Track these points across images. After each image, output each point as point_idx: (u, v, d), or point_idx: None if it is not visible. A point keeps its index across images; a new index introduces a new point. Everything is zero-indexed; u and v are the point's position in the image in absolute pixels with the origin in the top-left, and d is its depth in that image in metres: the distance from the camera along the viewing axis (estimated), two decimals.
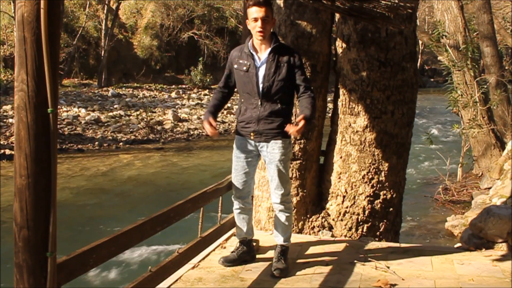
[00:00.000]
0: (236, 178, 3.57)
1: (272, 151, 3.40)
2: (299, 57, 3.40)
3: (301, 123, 3.13)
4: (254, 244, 3.82)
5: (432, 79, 32.74)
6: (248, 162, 3.52)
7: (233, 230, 4.05)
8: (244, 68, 3.36)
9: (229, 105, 18.45)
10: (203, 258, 3.74)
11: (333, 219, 4.49)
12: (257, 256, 3.77)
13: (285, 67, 3.30)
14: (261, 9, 3.21)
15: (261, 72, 3.33)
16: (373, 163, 4.33)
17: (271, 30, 3.35)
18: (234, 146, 3.54)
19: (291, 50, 3.42)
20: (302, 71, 3.37)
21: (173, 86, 24.63)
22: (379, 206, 4.39)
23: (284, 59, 3.31)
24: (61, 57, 19.69)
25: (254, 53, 3.35)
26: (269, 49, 3.32)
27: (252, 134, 3.41)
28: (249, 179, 3.58)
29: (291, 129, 3.18)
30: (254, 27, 3.25)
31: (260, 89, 3.33)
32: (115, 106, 18.19)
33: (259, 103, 3.35)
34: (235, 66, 3.42)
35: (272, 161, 3.41)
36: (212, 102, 3.60)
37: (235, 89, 3.58)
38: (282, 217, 3.53)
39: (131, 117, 16.69)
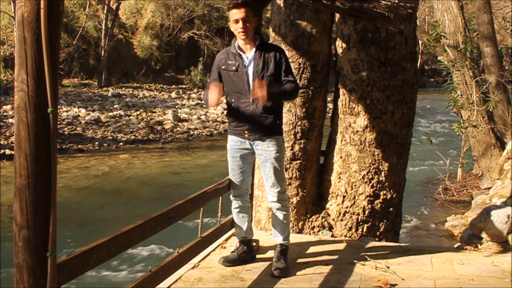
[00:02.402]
0: (234, 177, 3.59)
1: (267, 148, 3.41)
2: (285, 54, 3.44)
3: (258, 83, 3.15)
4: (254, 244, 3.82)
5: (432, 79, 32.71)
6: (244, 160, 3.54)
7: (233, 230, 4.05)
8: (233, 68, 3.40)
9: None
10: (203, 258, 3.74)
11: (333, 219, 4.49)
12: (257, 256, 3.77)
13: (272, 63, 3.34)
14: (240, 10, 3.25)
15: (250, 70, 3.37)
16: (373, 163, 4.33)
17: (255, 30, 3.37)
18: (228, 146, 3.56)
19: (275, 47, 3.48)
20: (288, 67, 3.39)
21: (173, 86, 24.62)
22: (379, 206, 4.39)
23: (270, 55, 3.35)
24: (61, 57, 19.68)
25: (241, 53, 3.39)
26: (254, 47, 3.36)
27: (246, 132, 3.43)
28: (246, 177, 3.60)
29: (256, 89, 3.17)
30: (236, 28, 3.31)
31: (251, 86, 3.35)
32: (115, 106, 18.19)
33: (251, 101, 3.37)
34: (223, 67, 3.45)
35: (268, 159, 3.42)
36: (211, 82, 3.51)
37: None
38: (280, 215, 3.53)
39: (131, 117, 16.68)
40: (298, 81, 4.36)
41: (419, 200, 8.70)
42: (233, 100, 3.46)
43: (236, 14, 3.27)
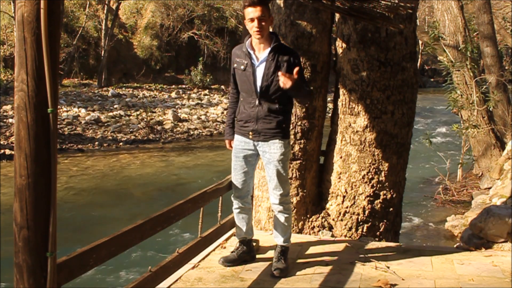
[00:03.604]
0: (235, 177, 3.58)
1: (270, 151, 3.39)
2: (299, 57, 3.41)
3: (295, 74, 3.13)
4: (254, 244, 3.82)
5: (432, 79, 32.69)
6: (247, 162, 3.52)
7: (233, 230, 4.05)
8: (242, 67, 3.37)
9: None
10: (203, 258, 3.74)
11: (333, 219, 4.49)
12: (257, 256, 3.77)
13: (284, 67, 3.29)
14: (256, 9, 3.21)
15: (259, 71, 3.33)
16: (373, 163, 4.33)
17: (270, 29, 3.35)
18: (233, 145, 3.55)
19: (291, 50, 3.42)
20: (301, 71, 3.36)
21: (173, 86, 24.59)
22: (379, 206, 4.39)
23: (284, 59, 3.30)
24: (61, 57, 19.66)
25: (251, 52, 3.36)
26: (269, 48, 3.31)
27: (250, 133, 3.41)
28: (248, 179, 3.58)
29: (282, 76, 3.14)
30: (252, 27, 3.26)
31: (258, 88, 3.33)
32: (115, 106, 18.18)
33: (257, 102, 3.35)
34: (235, 65, 3.44)
35: (271, 161, 3.40)
36: (229, 112, 3.63)
37: None
38: (282, 218, 3.52)
39: (131, 117, 16.68)
40: None
41: (419, 200, 8.70)
42: (241, 99, 3.45)
43: (252, 12, 3.22)
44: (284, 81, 3.13)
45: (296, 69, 3.18)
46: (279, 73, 3.17)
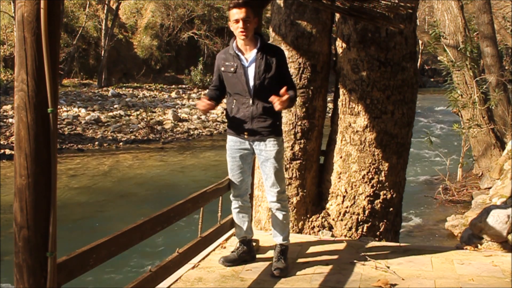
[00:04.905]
0: (234, 177, 3.59)
1: (267, 148, 3.42)
2: (284, 55, 3.49)
3: (285, 96, 3.16)
4: (254, 244, 3.83)
5: (432, 79, 32.71)
6: (243, 161, 3.54)
7: (233, 230, 4.05)
8: (232, 69, 3.39)
9: None
10: (203, 258, 3.74)
11: (333, 219, 4.49)
12: (257, 256, 3.77)
13: (274, 64, 3.34)
14: (241, 10, 3.24)
15: (251, 71, 3.36)
16: (373, 163, 4.33)
17: (255, 30, 3.38)
18: (227, 146, 3.56)
19: (277, 49, 3.49)
20: (287, 70, 3.48)
21: (173, 86, 24.61)
22: (379, 206, 4.39)
23: (272, 57, 3.35)
24: (61, 57, 19.67)
25: (239, 53, 3.38)
26: (255, 49, 3.36)
27: (246, 133, 3.43)
28: (245, 177, 3.60)
29: (276, 100, 3.16)
30: (236, 28, 3.29)
31: (251, 87, 3.35)
32: (115, 106, 18.19)
33: (251, 102, 3.37)
34: (222, 68, 3.45)
35: (268, 159, 3.43)
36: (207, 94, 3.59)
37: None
38: (280, 215, 3.54)
39: (131, 117, 16.69)
40: (298, 81, 4.36)
41: (419, 200, 8.70)
42: (234, 101, 3.46)
43: (236, 14, 3.26)
44: (279, 104, 3.17)
45: (283, 89, 3.19)
46: (271, 98, 3.20)
